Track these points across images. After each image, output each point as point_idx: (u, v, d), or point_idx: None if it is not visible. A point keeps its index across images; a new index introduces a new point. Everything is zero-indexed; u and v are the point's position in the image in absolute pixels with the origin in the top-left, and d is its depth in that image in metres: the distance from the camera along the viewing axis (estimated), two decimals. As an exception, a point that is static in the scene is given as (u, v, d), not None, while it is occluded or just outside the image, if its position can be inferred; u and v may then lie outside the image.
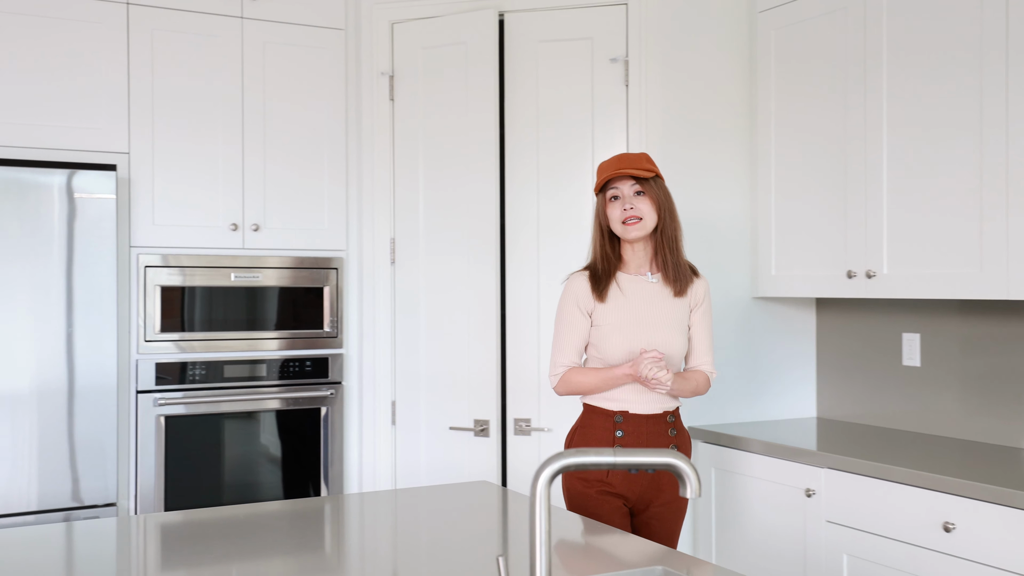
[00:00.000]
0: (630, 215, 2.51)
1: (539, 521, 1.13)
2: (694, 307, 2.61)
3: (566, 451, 1.14)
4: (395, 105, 3.56)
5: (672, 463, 1.16)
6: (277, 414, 3.49)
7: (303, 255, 3.56)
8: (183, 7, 3.38)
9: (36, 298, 3.08)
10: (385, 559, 1.80)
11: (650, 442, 2.54)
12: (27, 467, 3.07)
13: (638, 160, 2.54)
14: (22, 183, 3.06)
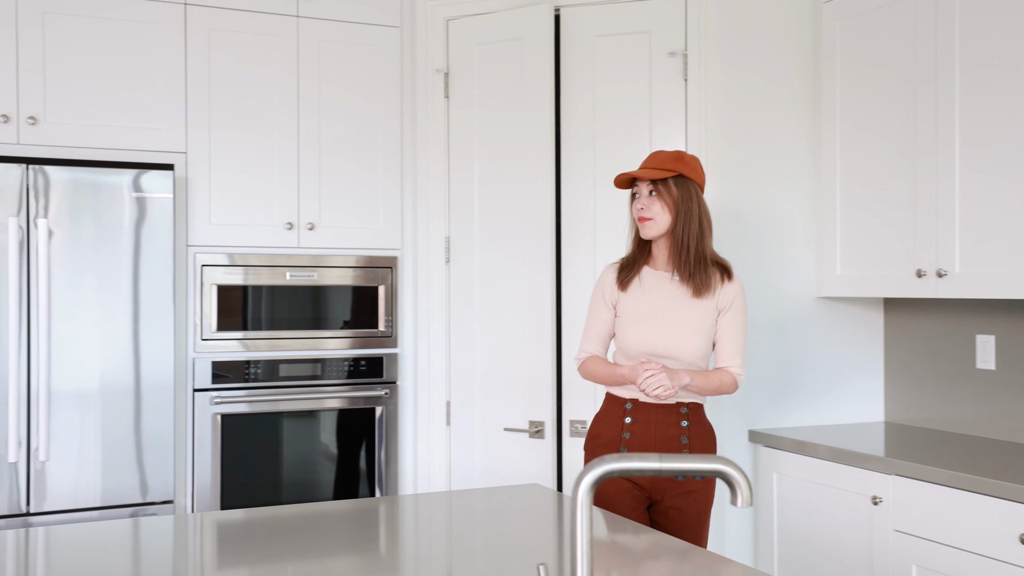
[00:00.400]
0: (640, 215, 2.58)
1: (581, 528, 1.08)
2: (722, 310, 2.59)
3: (608, 456, 1.09)
4: (450, 102, 3.53)
5: (722, 469, 1.09)
6: (332, 413, 3.48)
7: (358, 254, 3.55)
8: (239, 7, 3.39)
9: (103, 297, 3.11)
10: (439, 562, 1.76)
11: (659, 432, 2.56)
12: (92, 464, 3.11)
13: (664, 159, 2.56)
14: (85, 183, 3.09)
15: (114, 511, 3.14)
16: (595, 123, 3.31)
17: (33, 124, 3.13)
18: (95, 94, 3.22)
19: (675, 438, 2.56)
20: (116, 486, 3.14)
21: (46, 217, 3.04)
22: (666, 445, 2.56)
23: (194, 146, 3.34)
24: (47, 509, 3.05)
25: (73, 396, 3.08)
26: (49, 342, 3.04)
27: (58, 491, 3.07)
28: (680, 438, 2.56)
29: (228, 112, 3.38)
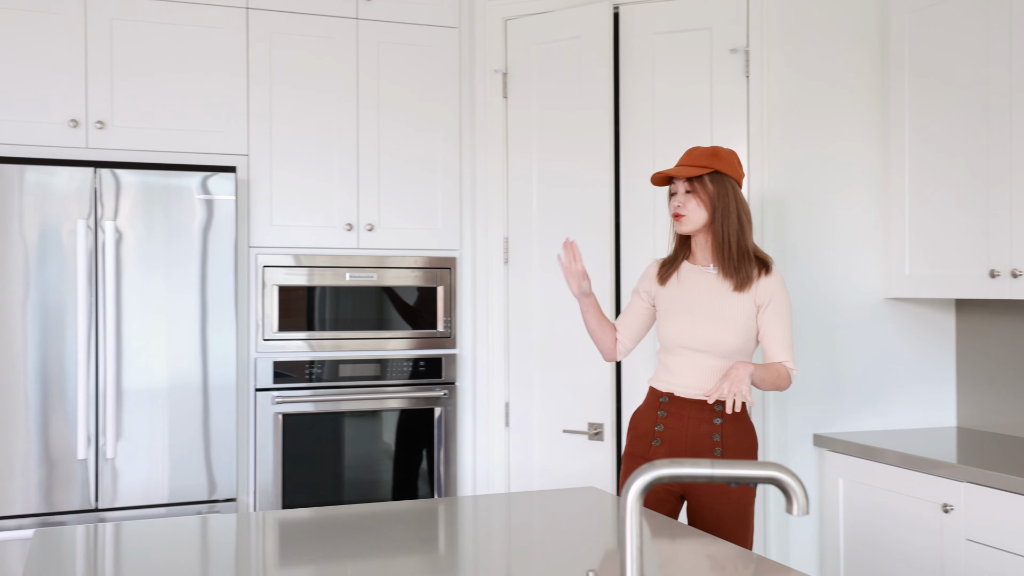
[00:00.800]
0: (675, 211, 2.60)
1: (631, 535, 1.05)
2: (762, 305, 2.57)
3: (658, 462, 1.06)
4: (508, 102, 3.52)
5: (776, 476, 1.05)
6: (391, 414, 3.49)
7: (417, 255, 3.55)
8: (300, 10, 3.42)
9: (170, 298, 3.17)
10: (497, 564, 1.75)
11: (691, 428, 2.57)
12: (159, 461, 3.16)
13: (699, 156, 2.58)
14: (151, 186, 3.15)
15: (180, 508, 3.19)
16: (654, 121, 3.27)
17: (101, 128, 3.20)
18: (160, 98, 3.27)
19: (707, 435, 2.56)
20: (182, 484, 3.19)
21: (113, 219, 3.11)
22: (697, 442, 2.57)
23: (256, 148, 3.38)
24: (115, 505, 3.12)
25: (141, 395, 3.14)
26: (117, 342, 3.11)
27: (126, 488, 3.13)
28: (712, 435, 2.56)
29: (289, 115, 3.42)
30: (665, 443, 2.60)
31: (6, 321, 3.01)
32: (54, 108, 3.16)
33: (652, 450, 2.62)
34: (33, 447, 3.04)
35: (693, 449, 2.59)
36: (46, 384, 3.05)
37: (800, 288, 3.17)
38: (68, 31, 3.17)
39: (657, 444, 2.60)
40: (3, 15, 3.11)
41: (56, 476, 3.06)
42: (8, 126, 3.12)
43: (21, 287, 3.03)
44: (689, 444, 2.58)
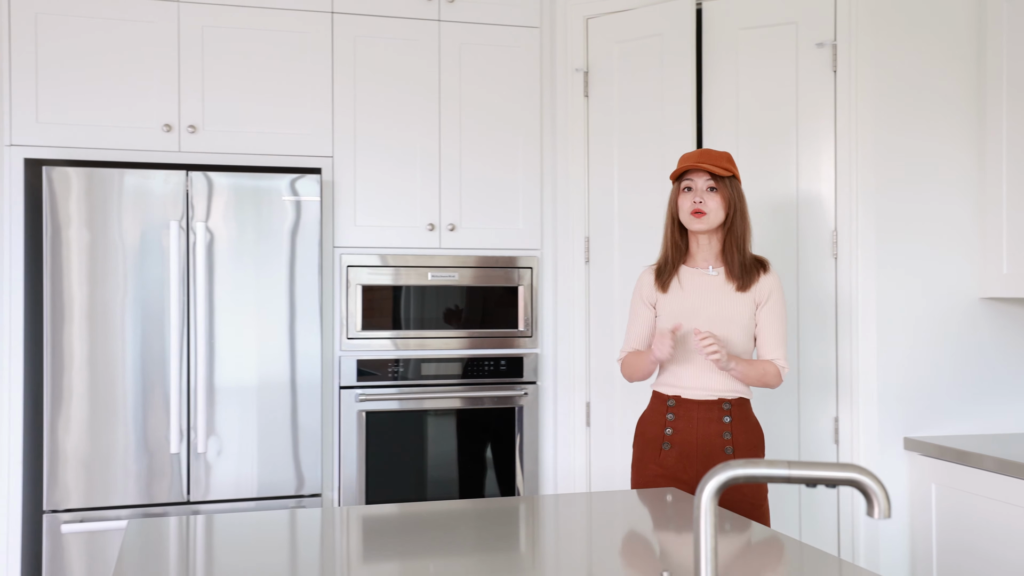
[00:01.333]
0: (698, 208, 2.58)
1: (704, 535, 1.03)
2: (760, 303, 2.62)
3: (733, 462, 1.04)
4: (589, 101, 3.50)
5: (856, 478, 1.03)
6: (472, 412, 3.52)
7: (498, 254, 3.57)
8: (383, 13, 3.47)
9: (259, 297, 3.25)
10: (577, 563, 1.75)
11: (701, 429, 2.57)
12: (248, 456, 3.25)
13: (719, 158, 2.61)
14: (239, 188, 3.24)
15: (268, 503, 3.27)
16: (738, 117, 3.22)
17: (192, 132, 3.30)
18: (248, 102, 3.36)
19: (717, 435, 2.57)
20: (270, 479, 3.27)
21: (204, 220, 3.20)
22: (708, 442, 2.58)
23: (340, 150, 3.44)
24: (206, 498, 3.21)
25: (231, 391, 3.23)
26: (208, 340, 3.20)
27: (216, 482, 3.22)
28: (722, 434, 2.57)
29: (372, 117, 3.47)
30: (675, 446, 2.60)
31: (107, 319, 3.12)
32: (149, 113, 3.27)
33: (663, 454, 2.60)
34: (131, 441, 3.15)
35: (704, 450, 2.59)
36: (143, 380, 3.16)
37: (888, 288, 3.08)
38: (162, 39, 3.28)
39: (667, 448, 2.60)
40: (101, 25, 3.23)
41: (151, 469, 3.16)
42: (107, 131, 3.24)
43: (121, 286, 3.14)
44: (700, 445, 2.58)
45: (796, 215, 3.14)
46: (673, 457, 2.60)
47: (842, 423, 3.07)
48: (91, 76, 3.23)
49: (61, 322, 3.09)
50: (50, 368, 3.09)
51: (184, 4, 3.30)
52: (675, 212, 2.66)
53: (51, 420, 3.09)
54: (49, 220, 3.09)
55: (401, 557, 1.80)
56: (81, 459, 3.11)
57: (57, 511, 3.10)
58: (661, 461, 2.60)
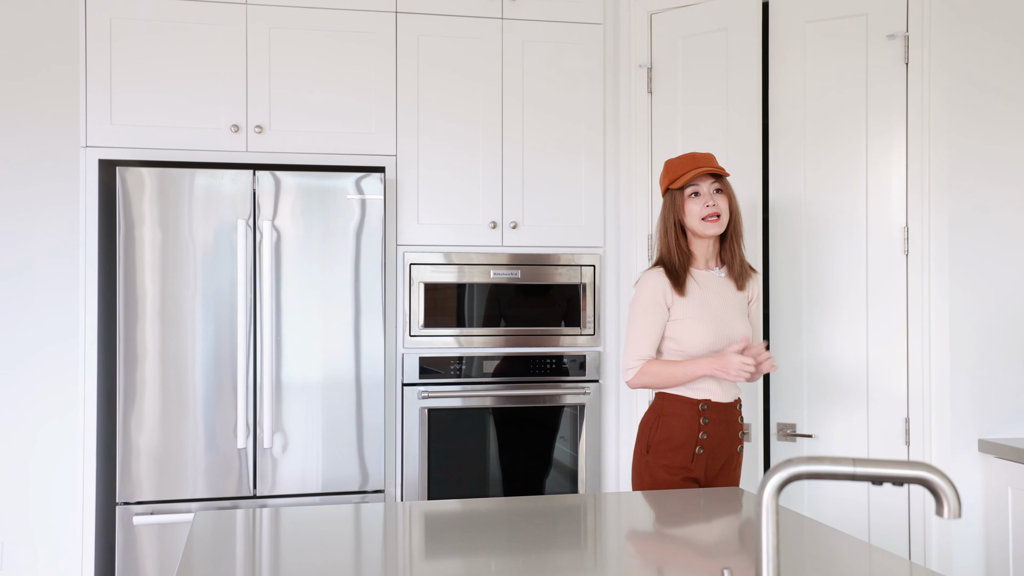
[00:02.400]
0: (711, 212, 2.61)
1: (767, 533, 1.01)
2: (751, 300, 2.75)
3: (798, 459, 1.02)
4: (653, 98, 3.47)
5: (926, 477, 0.99)
6: (534, 410, 3.51)
7: (560, 252, 3.56)
8: (446, 12, 3.49)
9: (324, 294, 3.29)
10: (639, 560, 1.73)
11: (727, 430, 2.64)
12: (313, 452, 3.29)
13: (711, 159, 2.66)
14: (305, 187, 3.28)
15: (332, 498, 3.31)
16: (805, 111, 3.16)
17: (259, 133, 3.35)
18: (314, 102, 3.40)
19: (737, 432, 2.68)
20: (335, 474, 3.31)
21: (270, 219, 3.25)
22: (732, 441, 2.66)
23: (403, 149, 3.46)
24: (271, 493, 3.26)
25: (297, 388, 3.27)
26: (274, 337, 3.25)
27: (281, 477, 3.26)
28: (739, 433, 2.68)
29: (435, 116, 3.48)
30: (707, 449, 2.63)
31: (178, 316, 3.19)
32: (217, 114, 3.33)
33: (696, 459, 2.62)
34: (199, 435, 3.21)
35: (726, 451, 2.66)
36: (211, 376, 3.22)
37: (960, 287, 2.99)
38: (230, 41, 3.34)
39: (700, 452, 2.62)
40: (172, 28, 3.30)
41: (219, 464, 3.22)
42: (176, 132, 3.31)
43: (190, 284, 3.21)
44: (724, 447, 2.65)
45: (865, 210, 3.07)
46: (703, 460, 2.63)
47: (913, 424, 3.00)
48: (162, 78, 3.30)
49: (134, 319, 3.17)
50: (123, 364, 3.17)
51: (252, 6, 3.35)
52: (679, 218, 2.66)
53: (124, 414, 3.17)
54: (123, 219, 3.16)
55: (462, 553, 1.81)
56: (152, 453, 3.18)
57: (129, 503, 3.17)
58: (692, 467, 2.61)
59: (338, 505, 2.25)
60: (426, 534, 1.96)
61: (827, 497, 3.13)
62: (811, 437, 3.11)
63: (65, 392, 3.73)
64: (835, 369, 3.10)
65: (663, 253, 2.68)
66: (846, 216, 3.10)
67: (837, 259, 3.10)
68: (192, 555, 1.79)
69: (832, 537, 1.91)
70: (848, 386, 3.08)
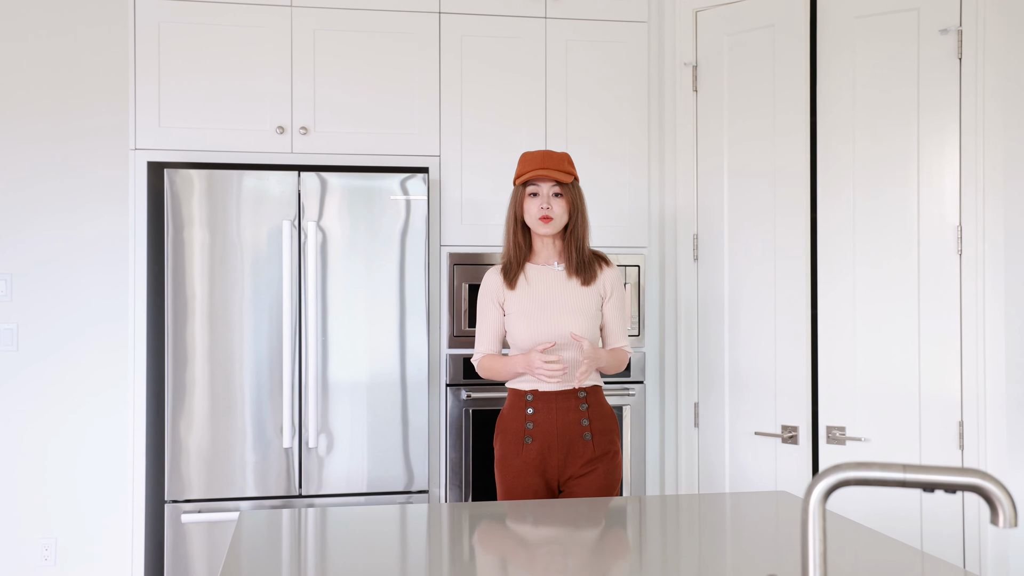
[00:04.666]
0: (545, 214, 2.71)
1: (813, 540, 0.99)
2: (606, 297, 2.79)
3: (845, 464, 0.99)
4: (698, 96, 3.43)
5: (979, 484, 0.96)
6: (579, 412, 3.49)
7: (604, 252, 3.53)
8: (490, 12, 3.48)
9: (369, 294, 3.30)
10: (684, 564, 1.71)
11: (560, 419, 2.69)
12: (359, 452, 3.30)
13: (561, 161, 2.73)
14: (349, 188, 3.29)
15: (377, 498, 3.32)
16: (854, 108, 3.10)
17: (304, 134, 3.37)
18: (358, 103, 3.41)
19: (575, 423, 2.70)
20: (380, 474, 3.32)
21: (315, 220, 3.27)
22: (568, 430, 2.70)
23: (447, 149, 3.46)
24: (317, 492, 3.28)
25: (342, 388, 3.29)
26: (318, 337, 3.27)
27: (327, 476, 3.28)
28: (580, 421, 2.71)
29: (478, 116, 3.48)
30: (537, 439, 2.70)
31: (225, 317, 3.22)
32: (263, 116, 3.36)
33: (524, 448, 2.70)
34: (246, 435, 3.24)
35: (565, 437, 2.70)
36: (258, 376, 3.25)
37: (1016, 289, 2.91)
38: (275, 44, 3.36)
39: (529, 441, 2.70)
40: (218, 31, 3.33)
41: (265, 463, 3.25)
42: (223, 134, 3.34)
43: (237, 285, 3.24)
44: (560, 434, 2.70)
45: (917, 209, 3.01)
46: (535, 450, 2.70)
47: (967, 428, 2.93)
48: (208, 81, 3.33)
49: (182, 319, 3.21)
50: (171, 363, 3.21)
51: (297, 9, 3.38)
52: (519, 214, 2.77)
53: (173, 413, 3.21)
54: (171, 220, 3.20)
55: (504, 553, 1.80)
56: (200, 452, 3.22)
57: (177, 501, 3.21)
58: (522, 455, 2.70)
59: (382, 506, 2.25)
60: (470, 534, 1.95)
61: (875, 502, 3.07)
62: (861, 440, 3.05)
63: (114, 391, 3.79)
64: (887, 370, 3.04)
65: (504, 248, 2.81)
66: (897, 215, 3.04)
67: (888, 258, 3.04)
68: (237, 554, 1.80)
69: (882, 543, 1.87)
70: (900, 388, 3.02)
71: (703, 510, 2.19)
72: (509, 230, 2.81)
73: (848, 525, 2.03)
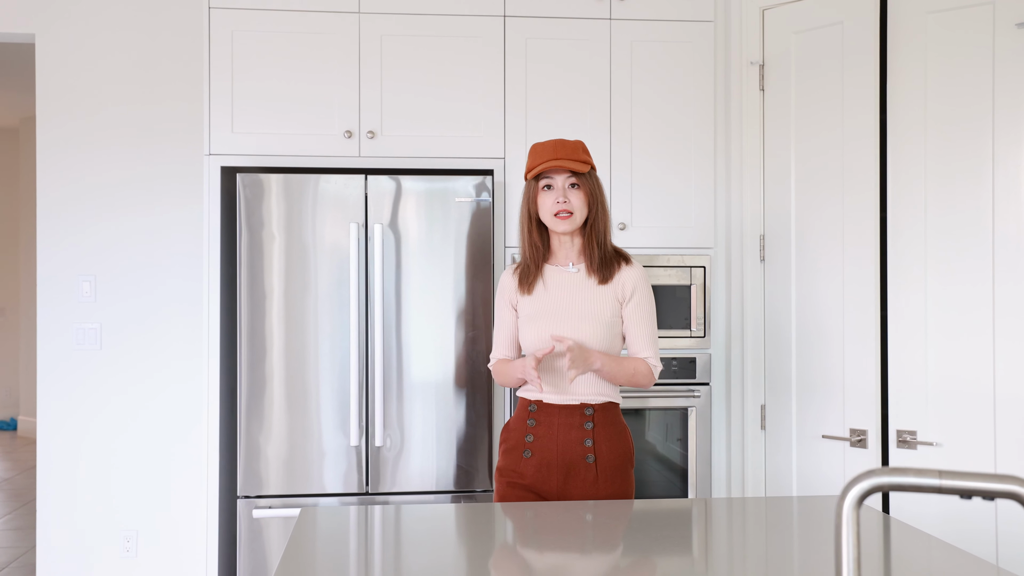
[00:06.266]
0: (562, 208, 2.47)
1: (847, 547, 0.98)
2: (625, 300, 2.53)
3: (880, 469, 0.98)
4: (765, 95, 3.39)
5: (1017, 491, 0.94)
6: (644, 412, 3.48)
7: (669, 253, 3.52)
8: (555, 14, 3.49)
9: (434, 295, 3.35)
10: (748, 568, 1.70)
11: (561, 435, 2.46)
12: (426, 451, 3.35)
13: (575, 150, 2.50)
14: (414, 191, 3.34)
15: (442, 496, 3.36)
16: (926, 107, 3.02)
17: (371, 138, 3.43)
18: (424, 107, 3.46)
19: (578, 441, 2.46)
20: (445, 473, 3.36)
21: (382, 223, 3.33)
22: (568, 450, 2.46)
23: (511, 152, 3.48)
24: (383, 490, 3.34)
25: (408, 387, 3.34)
26: (385, 337, 3.32)
27: (393, 474, 3.34)
28: (583, 441, 2.46)
29: (543, 118, 3.49)
30: (536, 454, 2.48)
31: (296, 317, 3.31)
32: (331, 121, 3.43)
33: (523, 462, 2.49)
34: (316, 433, 3.31)
35: (564, 459, 2.46)
36: (327, 376, 3.32)
37: (1101, 287, 2.80)
38: (343, 50, 3.43)
39: (528, 456, 2.49)
40: (287, 39, 3.42)
41: (333, 460, 3.32)
42: (292, 139, 3.42)
43: (307, 286, 3.31)
44: (560, 454, 2.46)
45: (992, 210, 2.92)
46: (533, 466, 2.48)
47: (1044, 434, 2.83)
48: (278, 88, 3.42)
49: (256, 319, 3.30)
50: (245, 363, 3.30)
51: (364, 15, 3.44)
52: (533, 211, 2.54)
53: (247, 411, 3.30)
54: (244, 223, 3.29)
55: (565, 552, 1.81)
56: (271, 449, 3.30)
57: (249, 497, 3.30)
58: (520, 470, 2.49)
59: (441, 504, 2.28)
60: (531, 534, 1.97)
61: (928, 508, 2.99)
62: (932, 445, 2.97)
63: (192, 389, 3.91)
64: (960, 373, 2.96)
65: (521, 248, 2.60)
66: (971, 215, 2.95)
67: (961, 258, 2.95)
68: (294, 550, 1.85)
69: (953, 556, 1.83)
70: (973, 392, 2.93)
71: (770, 514, 2.17)
72: (524, 230, 2.57)
73: (920, 537, 1.99)
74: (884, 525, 2.02)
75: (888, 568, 1.69)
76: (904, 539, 1.92)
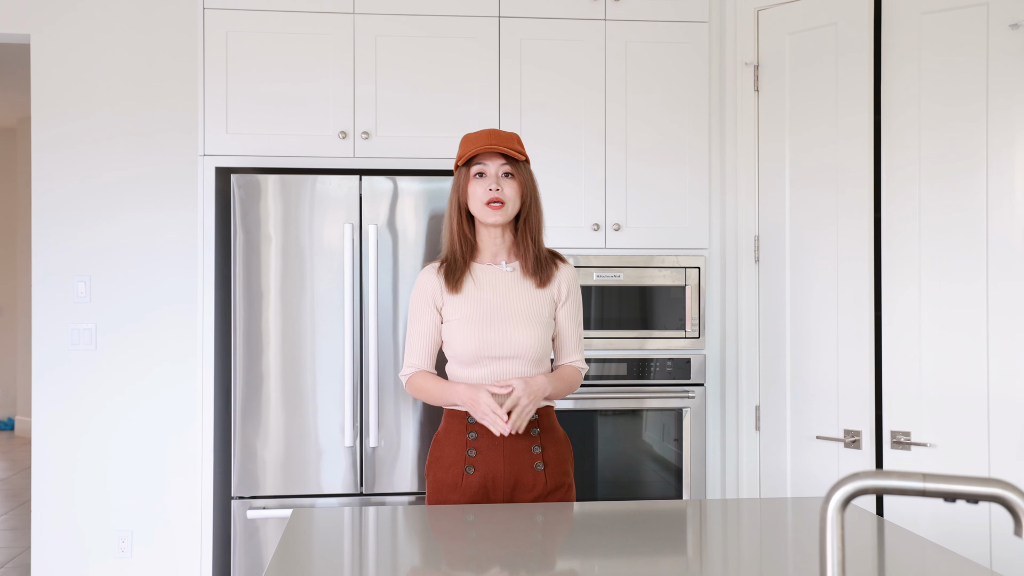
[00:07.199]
0: (494, 197, 2.33)
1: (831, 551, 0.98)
2: (560, 301, 2.43)
3: (865, 472, 0.98)
4: (759, 96, 3.39)
5: (1001, 494, 0.94)
6: (638, 413, 3.48)
7: (664, 254, 3.52)
8: (549, 15, 3.49)
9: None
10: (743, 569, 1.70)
11: (507, 445, 2.33)
12: (419, 453, 3.34)
13: (510, 139, 2.38)
14: (409, 191, 3.34)
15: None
16: (920, 108, 3.03)
17: (366, 139, 3.43)
18: (418, 107, 3.46)
19: (526, 450, 2.35)
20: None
21: (376, 223, 3.33)
22: (517, 459, 2.34)
23: (506, 152, 3.48)
24: (378, 491, 3.33)
25: (400, 389, 3.34)
26: (379, 338, 3.32)
27: (387, 475, 3.33)
28: (531, 448, 2.35)
29: (537, 118, 3.49)
30: (479, 468, 2.33)
31: (290, 317, 3.30)
32: (325, 122, 3.43)
33: (464, 479, 2.33)
34: (310, 434, 3.31)
35: (514, 466, 2.34)
36: (321, 376, 3.32)
37: (1094, 288, 2.81)
38: (338, 51, 3.43)
39: (471, 472, 2.34)
40: (282, 40, 3.42)
41: (327, 461, 3.32)
42: (286, 139, 3.42)
43: (301, 287, 3.31)
44: (508, 462, 2.34)
45: (986, 209, 2.92)
46: (477, 482, 2.34)
47: None
48: (273, 88, 3.42)
49: (250, 319, 3.30)
50: (239, 364, 3.29)
51: (359, 16, 3.44)
52: (463, 201, 2.38)
53: (241, 412, 3.29)
54: (238, 223, 3.29)
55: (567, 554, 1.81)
56: (266, 451, 3.30)
57: (244, 497, 3.30)
58: (462, 486, 2.33)
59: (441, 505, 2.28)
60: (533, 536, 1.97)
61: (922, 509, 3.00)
62: (926, 446, 2.98)
63: (184, 388, 3.91)
64: (954, 375, 2.96)
65: (447, 243, 2.42)
66: (965, 215, 2.96)
67: (955, 258, 2.96)
68: (285, 552, 1.85)
69: (948, 560, 1.83)
70: (968, 393, 2.94)
71: (764, 515, 2.16)
72: (451, 221, 2.40)
73: (912, 539, 1.99)
74: (877, 527, 2.03)
75: (881, 571, 1.69)
76: (897, 542, 1.92)
